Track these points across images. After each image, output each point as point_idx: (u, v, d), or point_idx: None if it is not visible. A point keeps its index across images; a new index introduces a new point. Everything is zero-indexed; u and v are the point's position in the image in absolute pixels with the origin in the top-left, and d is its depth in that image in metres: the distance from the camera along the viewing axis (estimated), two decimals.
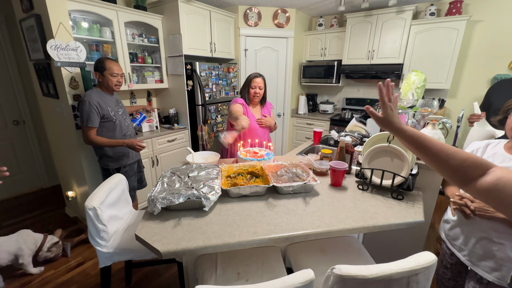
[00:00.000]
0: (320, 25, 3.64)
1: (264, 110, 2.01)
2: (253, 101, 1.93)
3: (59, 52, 1.79)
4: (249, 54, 3.38)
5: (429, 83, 2.83)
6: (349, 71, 3.37)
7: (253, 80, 1.87)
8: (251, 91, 1.88)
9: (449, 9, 2.73)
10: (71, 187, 2.37)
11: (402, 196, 1.18)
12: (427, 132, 1.33)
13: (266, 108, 2.03)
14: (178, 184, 1.15)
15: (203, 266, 1.09)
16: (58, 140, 2.29)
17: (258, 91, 1.88)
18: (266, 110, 2.02)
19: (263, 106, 2.02)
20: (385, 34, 3.02)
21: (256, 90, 1.87)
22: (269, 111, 2.05)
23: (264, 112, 2.01)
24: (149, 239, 0.88)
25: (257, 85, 1.87)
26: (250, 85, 1.88)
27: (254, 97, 1.89)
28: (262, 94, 1.91)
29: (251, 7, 3.18)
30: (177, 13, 2.51)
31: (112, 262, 1.28)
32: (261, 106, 2.01)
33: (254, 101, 1.93)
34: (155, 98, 3.11)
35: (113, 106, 1.81)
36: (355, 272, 0.71)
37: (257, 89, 1.87)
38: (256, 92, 1.87)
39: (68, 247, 1.99)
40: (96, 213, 1.16)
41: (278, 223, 0.98)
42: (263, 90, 1.91)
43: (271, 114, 2.06)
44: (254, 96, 1.89)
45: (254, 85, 1.87)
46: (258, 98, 1.92)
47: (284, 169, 1.35)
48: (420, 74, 1.78)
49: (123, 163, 1.88)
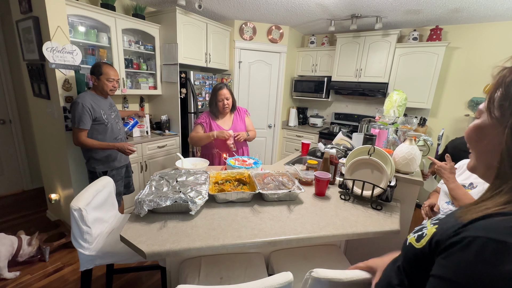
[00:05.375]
0: (312, 42, 3.81)
1: (236, 118, 2.03)
2: (224, 112, 1.97)
3: (54, 54, 1.81)
4: (243, 66, 3.49)
5: (412, 103, 3.00)
6: (338, 87, 3.52)
7: (219, 93, 1.89)
8: (219, 104, 1.90)
9: (430, 35, 2.94)
10: (55, 190, 2.32)
11: (381, 206, 1.24)
12: (404, 147, 1.42)
13: (239, 115, 2.05)
14: (166, 188, 1.17)
15: (187, 270, 1.10)
16: (46, 141, 2.26)
17: (226, 102, 1.90)
18: (238, 117, 2.04)
19: (233, 113, 2.04)
20: (372, 55, 3.20)
21: (224, 102, 1.89)
22: (242, 118, 2.06)
23: (236, 119, 2.03)
24: (133, 240, 0.90)
25: (223, 97, 1.89)
26: (217, 99, 1.90)
27: (224, 109, 1.92)
28: (231, 103, 1.94)
29: (247, 22, 3.32)
30: (174, 23, 2.59)
31: (94, 265, 1.26)
32: (232, 114, 2.03)
33: (225, 112, 1.97)
34: (147, 104, 3.13)
35: (106, 109, 1.83)
36: (332, 276, 0.75)
37: (224, 100, 1.89)
38: (225, 103, 1.90)
39: (47, 251, 1.93)
40: (81, 214, 1.15)
41: (262, 228, 1.02)
42: (231, 100, 1.94)
43: (244, 120, 2.07)
44: (224, 108, 1.92)
45: (221, 97, 1.89)
46: (228, 109, 1.94)
47: (271, 177, 1.40)
48: (401, 93, 1.90)
49: (111, 166, 1.87)
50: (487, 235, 0.34)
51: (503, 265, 0.32)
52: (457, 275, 0.35)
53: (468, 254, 0.35)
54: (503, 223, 0.35)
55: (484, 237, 0.34)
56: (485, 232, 0.35)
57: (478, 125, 0.45)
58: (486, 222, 0.36)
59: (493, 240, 0.33)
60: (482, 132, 0.44)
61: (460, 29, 2.92)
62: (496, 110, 0.40)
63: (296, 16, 3.00)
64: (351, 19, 2.89)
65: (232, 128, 1.97)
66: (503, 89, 0.39)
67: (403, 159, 1.41)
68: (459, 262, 0.36)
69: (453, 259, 0.37)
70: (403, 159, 1.41)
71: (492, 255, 0.33)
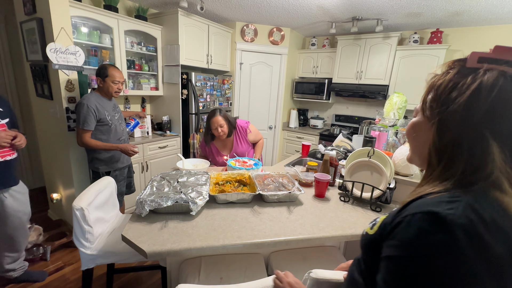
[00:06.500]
0: (313, 44, 3.83)
1: (236, 141, 1.96)
2: (221, 139, 1.92)
3: (58, 55, 1.83)
4: (244, 68, 3.50)
5: (412, 105, 3.00)
6: (338, 89, 3.53)
7: (212, 122, 1.81)
8: (215, 133, 1.84)
9: (431, 38, 2.95)
10: (57, 189, 2.33)
11: (380, 208, 1.25)
12: (404, 150, 1.43)
13: (239, 135, 1.96)
14: (167, 188, 1.19)
15: (187, 270, 1.11)
16: (48, 141, 2.28)
17: (220, 129, 1.81)
18: (238, 139, 1.96)
19: (233, 136, 1.95)
20: (373, 57, 3.21)
21: (218, 130, 1.81)
22: (243, 138, 1.97)
23: (237, 142, 1.95)
24: (135, 240, 0.91)
25: (217, 125, 1.80)
26: (211, 127, 1.83)
27: (220, 136, 1.86)
28: (226, 129, 1.84)
29: (248, 24, 3.34)
30: (176, 25, 2.61)
31: (95, 264, 1.27)
32: (231, 136, 1.94)
33: (222, 139, 1.91)
34: (149, 105, 3.15)
35: (110, 110, 1.84)
36: (330, 276, 0.76)
37: (218, 128, 1.81)
38: (219, 131, 1.81)
39: (48, 250, 1.94)
40: (83, 214, 1.17)
41: (261, 229, 1.03)
42: (226, 126, 1.83)
43: (246, 139, 1.98)
44: (219, 136, 1.85)
45: (215, 126, 1.81)
46: (225, 135, 1.85)
47: (271, 178, 1.41)
48: (401, 96, 1.91)
49: (113, 167, 1.89)
50: (421, 210, 0.40)
51: (438, 234, 0.36)
52: (402, 250, 0.40)
53: (408, 230, 0.39)
54: (432, 199, 0.41)
55: (419, 213, 0.39)
56: (418, 208, 0.40)
57: (414, 122, 0.51)
58: (419, 201, 0.43)
59: (426, 213, 0.39)
60: (417, 128, 0.50)
61: (461, 32, 2.93)
62: (427, 110, 0.47)
63: (297, 18, 3.02)
64: (352, 22, 2.91)
65: (232, 153, 1.95)
66: (433, 93, 0.46)
67: (403, 161, 1.42)
68: (402, 239, 0.40)
69: (397, 237, 0.41)
70: (403, 161, 1.42)
71: (428, 225, 0.37)
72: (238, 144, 1.97)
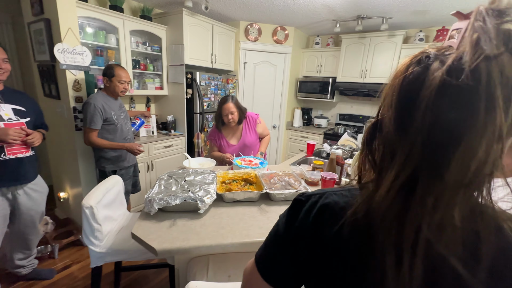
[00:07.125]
0: (317, 43, 3.82)
1: (245, 129, 1.97)
2: (230, 126, 1.92)
3: (65, 56, 1.85)
4: (248, 67, 3.50)
5: None
6: (343, 88, 3.52)
7: (223, 108, 1.82)
8: (225, 119, 1.85)
9: (436, 36, 2.93)
10: (64, 188, 2.36)
11: None
12: None
13: (249, 125, 1.98)
14: (175, 187, 1.20)
15: (195, 268, 1.12)
16: (56, 141, 2.30)
17: (231, 116, 1.82)
18: (248, 128, 1.98)
19: (242, 124, 1.97)
20: (377, 56, 3.19)
21: (229, 117, 1.82)
22: (252, 127, 1.99)
23: (246, 131, 1.97)
24: (145, 238, 0.92)
25: (228, 111, 1.81)
26: (222, 114, 1.84)
27: (229, 123, 1.87)
28: (237, 117, 1.85)
29: (252, 23, 3.34)
30: (181, 25, 2.63)
31: (104, 262, 1.29)
32: (240, 125, 1.96)
33: (231, 126, 1.92)
34: (154, 104, 3.17)
35: (116, 110, 1.86)
36: None
37: (229, 115, 1.81)
38: (229, 118, 1.82)
39: (56, 248, 1.97)
40: (92, 212, 1.18)
41: (269, 228, 1.02)
42: (237, 113, 1.84)
43: (255, 129, 2.00)
44: (229, 123, 1.86)
45: (226, 112, 1.81)
46: (234, 122, 1.86)
47: (278, 177, 1.41)
48: None
49: (120, 166, 1.91)
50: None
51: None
52: None
53: None
54: None
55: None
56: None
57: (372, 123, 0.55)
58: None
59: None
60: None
61: None
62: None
63: (302, 17, 3.01)
64: (356, 20, 2.89)
65: (241, 141, 1.95)
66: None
67: None
68: None
69: None
70: None
71: None
72: (247, 133, 1.97)
